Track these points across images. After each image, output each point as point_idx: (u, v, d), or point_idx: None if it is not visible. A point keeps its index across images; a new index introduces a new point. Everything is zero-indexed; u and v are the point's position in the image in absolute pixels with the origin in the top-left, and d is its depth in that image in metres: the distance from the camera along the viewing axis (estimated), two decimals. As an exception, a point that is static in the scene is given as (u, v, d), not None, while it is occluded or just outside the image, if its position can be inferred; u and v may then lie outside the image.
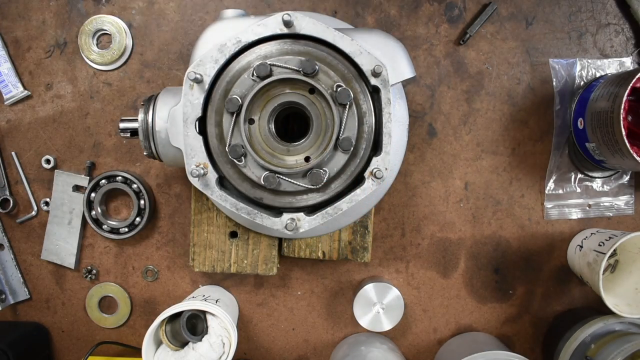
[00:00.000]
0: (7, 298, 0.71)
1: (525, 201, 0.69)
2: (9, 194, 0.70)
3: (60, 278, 0.71)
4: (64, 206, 0.69)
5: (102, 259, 0.71)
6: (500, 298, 0.70)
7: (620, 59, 0.67)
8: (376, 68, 0.50)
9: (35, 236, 0.71)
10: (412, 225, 0.69)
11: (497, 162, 0.68)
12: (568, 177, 0.68)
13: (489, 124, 0.68)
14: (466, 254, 0.69)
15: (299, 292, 0.71)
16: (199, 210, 0.63)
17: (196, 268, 0.64)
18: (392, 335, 0.71)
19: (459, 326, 0.71)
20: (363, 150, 0.51)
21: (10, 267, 0.71)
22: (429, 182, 0.69)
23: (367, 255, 0.63)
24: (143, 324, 0.72)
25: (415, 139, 0.68)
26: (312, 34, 0.50)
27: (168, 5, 0.68)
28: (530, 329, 0.71)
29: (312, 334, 0.71)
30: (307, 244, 0.63)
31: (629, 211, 0.69)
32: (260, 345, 0.72)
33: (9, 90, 0.68)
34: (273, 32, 0.50)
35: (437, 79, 0.68)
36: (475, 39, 0.67)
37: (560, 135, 0.68)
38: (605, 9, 0.67)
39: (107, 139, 0.69)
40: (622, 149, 0.57)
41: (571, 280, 0.70)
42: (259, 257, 0.63)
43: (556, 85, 0.67)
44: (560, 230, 0.69)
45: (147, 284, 0.71)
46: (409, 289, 0.70)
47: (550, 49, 0.67)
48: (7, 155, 0.70)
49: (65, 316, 0.72)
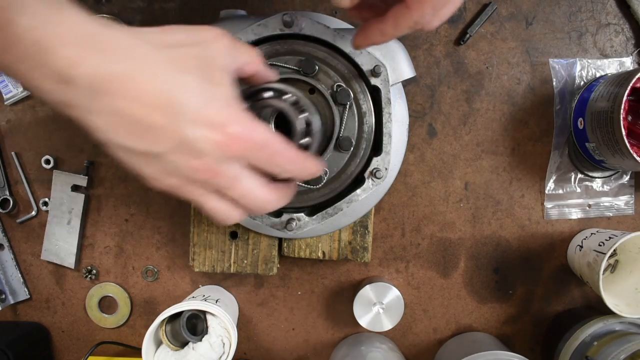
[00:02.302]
0: (7, 298, 0.71)
1: (525, 201, 0.69)
2: (9, 194, 0.70)
3: (60, 278, 0.71)
4: (63, 206, 0.69)
5: (102, 259, 0.71)
6: (500, 298, 0.70)
7: (620, 59, 0.67)
8: (376, 68, 0.50)
9: (35, 236, 0.71)
10: (412, 225, 0.69)
11: (497, 162, 0.68)
12: (568, 177, 0.68)
13: (489, 124, 0.68)
14: (466, 254, 0.69)
15: (299, 292, 0.71)
16: (199, 210, 0.63)
17: (196, 268, 0.64)
18: (392, 335, 0.71)
19: (459, 326, 0.71)
20: (363, 150, 0.51)
21: (10, 267, 0.71)
22: (429, 182, 0.69)
23: (367, 255, 0.63)
24: (143, 324, 0.72)
25: (415, 139, 0.68)
26: (312, 34, 0.50)
27: (168, 5, 0.68)
28: (530, 329, 0.71)
29: (312, 334, 0.71)
30: (307, 244, 0.63)
31: (629, 211, 0.69)
32: (260, 345, 0.72)
33: (9, 90, 0.68)
34: (273, 32, 0.50)
35: (437, 79, 0.68)
36: (475, 39, 0.67)
37: (560, 135, 0.68)
38: (605, 9, 0.67)
39: (107, 139, 0.69)
40: (622, 149, 0.57)
41: (571, 280, 0.70)
42: (259, 257, 0.63)
43: (556, 85, 0.67)
44: (560, 230, 0.69)
45: (147, 284, 0.71)
46: (409, 289, 0.70)
47: (550, 49, 0.67)
48: (7, 155, 0.70)
49: (65, 316, 0.72)
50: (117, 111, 0.32)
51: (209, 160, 0.34)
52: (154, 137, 0.33)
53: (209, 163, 0.34)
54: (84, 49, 0.30)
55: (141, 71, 0.32)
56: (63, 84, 0.30)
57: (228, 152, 0.34)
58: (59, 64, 0.30)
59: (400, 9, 0.39)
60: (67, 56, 0.30)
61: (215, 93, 0.34)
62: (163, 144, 0.33)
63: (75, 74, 0.30)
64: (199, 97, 0.33)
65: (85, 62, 0.30)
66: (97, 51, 0.31)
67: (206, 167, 0.34)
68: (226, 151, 0.34)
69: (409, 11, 0.38)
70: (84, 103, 0.31)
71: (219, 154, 0.34)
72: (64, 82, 0.30)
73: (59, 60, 0.30)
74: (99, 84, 0.31)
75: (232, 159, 0.35)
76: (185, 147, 0.33)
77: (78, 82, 0.30)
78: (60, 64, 0.30)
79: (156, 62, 0.32)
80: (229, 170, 0.35)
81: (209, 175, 0.35)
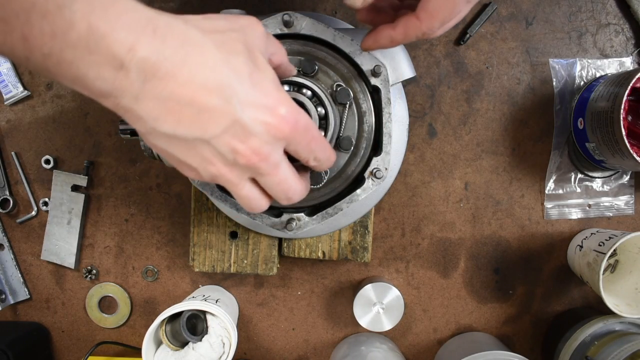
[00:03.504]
0: (7, 298, 0.71)
1: (525, 201, 0.69)
2: (9, 194, 0.70)
3: (60, 278, 0.71)
4: (63, 206, 0.69)
5: (102, 259, 0.71)
6: (500, 298, 0.70)
7: (620, 59, 0.67)
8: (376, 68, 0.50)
9: (35, 236, 0.71)
10: (412, 225, 0.69)
11: (497, 162, 0.68)
12: (568, 177, 0.68)
13: (489, 124, 0.68)
14: (466, 254, 0.69)
15: (299, 292, 0.71)
16: (199, 210, 0.63)
17: (196, 268, 0.64)
18: (392, 335, 0.71)
19: (459, 326, 0.71)
20: (363, 149, 0.51)
21: (10, 267, 0.71)
22: (429, 182, 0.69)
23: (367, 255, 0.63)
24: (143, 324, 0.72)
25: (415, 139, 0.68)
26: (312, 34, 0.50)
27: (168, 5, 0.68)
28: (530, 329, 0.71)
29: (312, 334, 0.71)
30: (307, 244, 0.63)
31: (629, 211, 0.69)
32: (260, 345, 0.72)
33: (9, 90, 0.68)
34: (273, 32, 0.50)
35: (437, 79, 0.68)
36: (475, 39, 0.67)
37: (560, 135, 0.68)
38: (605, 9, 0.67)
39: (107, 139, 0.69)
40: (622, 149, 0.57)
41: (571, 280, 0.70)
42: (259, 257, 0.63)
43: (556, 85, 0.67)
44: (560, 230, 0.69)
45: (147, 284, 0.71)
46: (409, 289, 0.70)
47: (550, 49, 0.67)
48: (7, 155, 0.70)
49: (65, 316, 0.72)
50: (170, 95, 0.31)
51: (258, 143, 0.35)
52: (206, 120, 0.33)
53: (258, 146, 0.35)
54: (140, 33, 0.30)
55: (194, 55, 0.32)
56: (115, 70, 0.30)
57: (278, 134, 0.35)
58: (114, 49, 0.29)
59: (411, 19, 0.41)
60: (123, 41, 0.29)
61: (262, 76, 0.35)
62: (215, 126, 0.33)
63: (130, 58, 0.30)
64: (249, 79, 0.34)
65: (141, 46, 0.30)
66: (153, 36, 0.30)
67: (254, 149, 0.35)
68: (277, 132, 0.35)
69: (419, 23, 0.40)
70: (133, 89, 0.31)
71: (269, 136, 0.35)
72: (116, 68, 0.30)
73: (114, 44, 0.29)
74: (152, 68, 0.30)
75: (280, 141, 0.36)
76: (237, 129, 0.34)
77: (131, 67, 0.30)
78: (116, 49, 0.29)
79: (207, 46, 0.33)
80: (273, 154, 0.36)
81: (255, 159, 0.35)
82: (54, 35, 0.28)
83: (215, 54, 0.33)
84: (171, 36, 0.31)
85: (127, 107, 0.32)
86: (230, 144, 0.34)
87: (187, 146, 0.34)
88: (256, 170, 0.36)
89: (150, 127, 0.33)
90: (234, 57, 0.34)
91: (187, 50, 0.32)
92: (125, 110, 0.33)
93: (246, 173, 0.37)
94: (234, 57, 0.34)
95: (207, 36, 0.33)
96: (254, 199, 0.39)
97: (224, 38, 0.34)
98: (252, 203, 0.39)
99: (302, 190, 0.40)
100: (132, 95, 0.31)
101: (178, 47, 0.31)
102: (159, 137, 0.34)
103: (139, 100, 0.32)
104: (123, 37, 0.29)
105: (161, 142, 0.34)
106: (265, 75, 0.36)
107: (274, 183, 0.38)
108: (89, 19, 0.28)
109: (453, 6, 0.39)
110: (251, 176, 0.37)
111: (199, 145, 0.34)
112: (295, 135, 0.36)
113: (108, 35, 0.29)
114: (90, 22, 0.29)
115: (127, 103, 0.32)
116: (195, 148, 0.34)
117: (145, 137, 0.35)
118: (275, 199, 0.40)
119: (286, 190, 0.39)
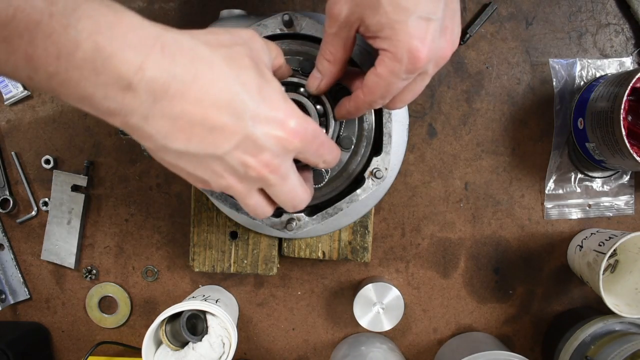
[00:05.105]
0: (7, 298, 0.71)
1: (525, 201, 0.69)
2: (9, 194, 0.70)
3: (60, 278, 0.71)
4: (63, 206, 0.69)
5: (102, 259, 0.71)
6: (500, 298, 0.70)
7: (620, 59, 0.67)
8: (376, 68, 0.50)
9: (35, 236, 0.71)
10: (412, 225, 0.69)
11: (497, 162, 0.68)
12: (568, 177, 0.68)
13: (489, 124, 0.68)
14: (466, 254, 0.69)
15: (299, 292, 0.71)
16: (199, 210, 0.63)
17: (196, 268, 0.64)
18: (392, 335, 0.71)
19: (459, 326, 0.71)
20: (363, 148, 0.51)
21: (10, 267, 0.71)
22: (429, 182, 0.69)
23: (367, 255, 0.63)
24: (143, 324, 0.72)
25: (415, 139, 0.68)
26: (312, 34, 0.50)
27: (168, 5, 0.68)
28: (530, 329, 0.71)
29: (312, 334, 0.71)
30: (307, 244, 0.63)
31: (629, 211, 0.69)
32: (260, 345, 0.72)
33: (9, 90, 0.68)
34: (273, 32, 0.50)
35: (437, 79, 0.68)
36: (475, 39, 0.67)
37: (560, 135, 0.68)
38: (605, 9, 0.67)
39: (107, 139, 0.69)
40: (622, 149, 0.57)
41: (571, 280, 0.70)
42: (259, 257, 0.63)
43: (556, 85, 0.67)
44: (560, 230, 0.69)
45: (147, 284, 0.71)
46: (409, 289, 0.70)
47: (550, 49, 0.67)
48: (7, 155, 0.70)
49: (65, 316, 0.72)
50: (180, 114, 0.31)
51: (269, 156, 0.35)
52: (217, 137, 0.33)
53: (269, 159, 0.35)
54: (148, 52, 0.29)
55: (205, 72, 0.31)
56: (123, 91, 0.29)
57: (289, 146, 0.35)
58: (122, 69, 0.28)
59: (357, 93, 0.42)
60: (131, 61, 0.29)
61: (270, 89, 0.35)
62: (227, 143, 0.33)
63: (139, 78, 0.29)
64: (259, 93, 0.34)
65: (149, 66, 0.29)
66: (161, 54, 0.30)
67: (265, 163, 0.35)
68: (288, 145, 0.35)
69: (363, 97, 0.41)
70: (142, 109, 0.30)
71: (280, 149, 0.35)
72: (124, 89, 0.29)
73: (122, 65, 0.28)
74: (162, 88, 0.30)
75: (290, 152, 0.36)
76: (248, 144, 0.34)
77: (140, 88, 0.29)
78: (123, 69, 0.28)
79: (216, 62, 0.32)
80: (283, 166, 0.36)
81: (266, 171, 0.35)
82: (59, 56, 0.28)
83: (225, 70, 0.33)
84: (180, 53, 0.31)
85: (136, 125, 0.31)
86: (242, 159, 0.34)
87: (197, 161, 0.34)
88: (266, 182, 0.37)
89: (160, 144, 0.33)
90: (244, 72, 0.34)
91: (197, 67, 0.31)
92: (134, 129, 0.32)
93: (255, 184, 0.37)
94: (244, 72, 0.34)
95: (215, 52, 0.33)
96: (260, 207, 0.39)
97: (231, 53, 0.34)
98: (258, 211, 0.40)
99: (308, 199, 0.41)
100: (142, 115, 0.31)
101: (188, 64, 0.31)
102: (169, 153, 0.34)
103: (149, 119, 0.31)
104: (131, 57, 0.29)
105: (171, 158, 0.34)
106: (272, 88, 0.35)
107: (282, 193, 0.38)
108: (95, 38, 0.28)
109: (386, 84, 0.39)
110: (260, 187, 0.38)
111: (209, 160, 0.34)
112: (305, 145, 0.36)
113: (115, 56, 0.28)
114: (97, 42, 0.28)
115: (136, 122, 0.31)
116: (206, 163, 0.34)
117: (154, 153, 0.34)
118: (282, 207, 0.40)
119: (293, 199, 0.39)
